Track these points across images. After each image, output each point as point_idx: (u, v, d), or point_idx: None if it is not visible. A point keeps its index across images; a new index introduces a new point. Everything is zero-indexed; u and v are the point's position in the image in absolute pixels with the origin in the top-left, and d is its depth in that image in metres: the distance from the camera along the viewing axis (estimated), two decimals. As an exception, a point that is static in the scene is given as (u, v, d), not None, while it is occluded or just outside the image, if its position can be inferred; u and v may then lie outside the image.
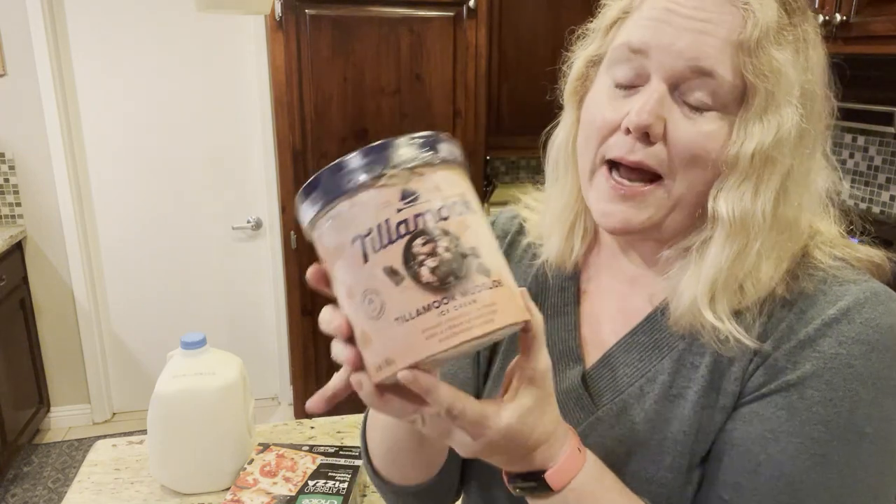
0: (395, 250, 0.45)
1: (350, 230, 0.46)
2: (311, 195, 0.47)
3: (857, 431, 0.54)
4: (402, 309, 0.45)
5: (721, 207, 0.56)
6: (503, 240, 0.79)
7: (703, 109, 0.56)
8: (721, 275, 0.57)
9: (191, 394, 1.13)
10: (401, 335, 0.45)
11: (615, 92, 0.60)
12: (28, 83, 2.79)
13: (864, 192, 2.25)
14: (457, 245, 0.46)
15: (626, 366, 0.65)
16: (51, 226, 2.96)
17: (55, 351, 3.11)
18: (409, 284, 0.45)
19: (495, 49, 2.85)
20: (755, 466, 0.56)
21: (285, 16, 2.51)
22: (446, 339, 0.44)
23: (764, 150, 0.55)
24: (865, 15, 1.73)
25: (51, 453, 2.96)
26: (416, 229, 0.45)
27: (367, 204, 0.46)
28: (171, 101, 2.99)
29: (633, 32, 0.58)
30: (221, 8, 1.35)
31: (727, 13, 0.54)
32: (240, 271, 3.26)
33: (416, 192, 0.46)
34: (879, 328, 0.54)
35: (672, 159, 0.57)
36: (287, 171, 2.67)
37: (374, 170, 0.46)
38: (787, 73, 0.54)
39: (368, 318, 0.46)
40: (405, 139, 0.47)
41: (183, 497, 1.17)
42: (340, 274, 0.47)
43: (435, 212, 0.46)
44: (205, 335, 1.18)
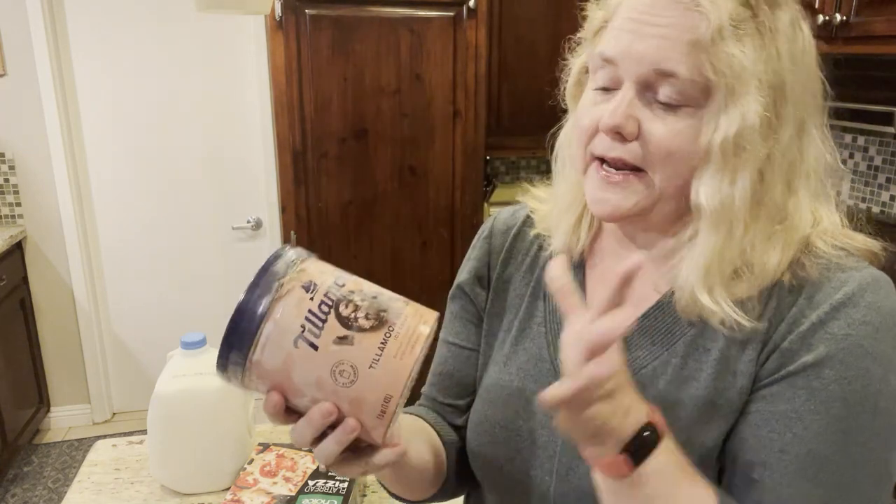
0: (332, 325, 0.54)
1: (287, 338, 0.53)
2: (234, 341, 0.53)
3: (871, 406, 0.58)
4: (369, 356, 0.54)
5: (702, 198, 0.61)
6: (507, 233, 0.82)
7: (674, 107, 0.60)
8: (713, 261, 0.61)
9: (191, 394, 1.13)
10: (382, 373, 0.54)
11: (596, 97, 0.65)
12: (28, 83, 2.79)
13: (864, 192, 2.25)
14: (363, 294, 0.56)
15: (638, 349, 0.68)
16: (51, 226, 2.96)
17: (55, 351, 3.11)
18: (359, 338, 0.54)
19: (495, 49, 2.85)
20: (783, 445, 0.59)
21: (285, 16, 2.51)
22: (411, 352, 0.54)
23: (731, 140, 0.58)
24: (865, 15, 1.73)
25: (51, 453, 2.96)
26: (334, 302, 0.55)
27: (286, 311, 0.53)
28: (171, 101, 2.99)
29: (606, 43, 0.63)
30: (221, 8, 1.35)
31: (683, 16, 0.58)
32: (240, 271, 3.25)
33: (312, 281, 0.55)
34: (882, 311, 0.59)
35: (648, 154, 0.61)
36: (287, 171, 2.67)
37: (271, 288, 0.54)
38: (745, 67, 0.58)
39: (347, 385, 0.54)
40: (272, 259, 0.56)
41: (183, 497, 1.17)
42: (301, 376, 0.54)
43: (334, 284, 0.56)
44: (205, 335, 1.18)
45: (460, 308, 0.84)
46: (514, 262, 0.81)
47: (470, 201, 2.89)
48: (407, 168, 2.79)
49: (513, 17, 2.84)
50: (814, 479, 0.58)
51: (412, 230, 2.87)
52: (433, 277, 2.91)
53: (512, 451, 0.73)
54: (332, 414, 0.54)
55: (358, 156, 2.72)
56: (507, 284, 0.81)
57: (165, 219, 3.12)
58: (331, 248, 2.82)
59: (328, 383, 0.54)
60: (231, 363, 0.54)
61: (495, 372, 0.78)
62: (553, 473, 0.70)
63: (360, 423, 0.55)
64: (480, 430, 0.76)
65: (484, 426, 0.76)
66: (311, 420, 0.55)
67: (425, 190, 2.84)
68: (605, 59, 0.63)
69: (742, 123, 0.58)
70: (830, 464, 0.58)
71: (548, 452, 0.71)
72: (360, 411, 0.55)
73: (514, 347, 0.77)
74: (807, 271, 0.62)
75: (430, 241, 2.90)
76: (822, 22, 1.81)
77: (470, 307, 0.83)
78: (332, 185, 2.73)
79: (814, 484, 0.58)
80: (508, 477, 0.74)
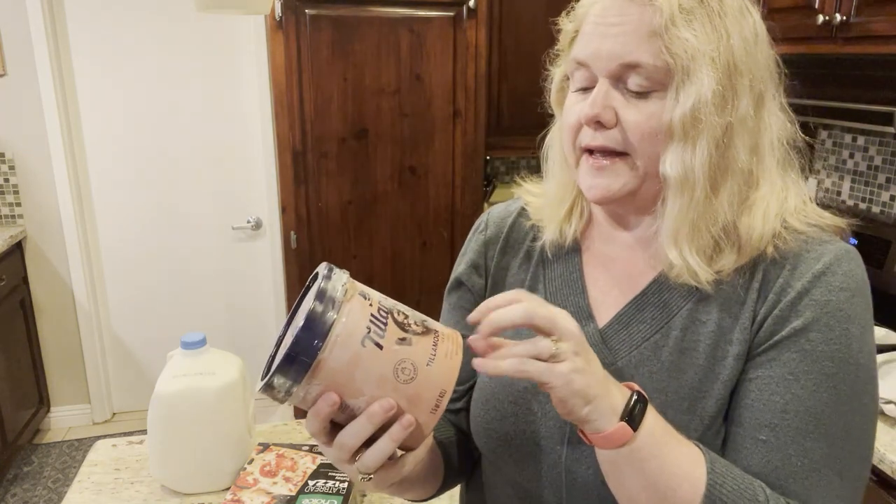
0: (392, 327, 0.59)
1: (354, 338, 0.57)
2: (304, 344, 0.56)
3: (854, 362, 0.65)
4: (425, 355, 0.60)
5: (668, 169, 0.67)
6: (503, 224, 0.87)
7: (644, 94, 0.67)
8: (680, 223, 0.68)
9: (191, 394, 1.13)
10: (436, 370, 0.60)
11: (577, 97, 0.72)
12: (28, 83, 2.79)
13: (864, 192, 2.25)
14: (403, 306, 0.63)
15: (639, 323, 0.74)
16: (51, 226, 2.96)
17: (55, 351, 3.11)
18: (416, 340, 0.60)
19: (495, 49, 2.85)
20: (784, 405, 0.65)
21: (285, 16, 2.51)
22: (457, 351, 0.62)
23: (688, 114, 0.65)
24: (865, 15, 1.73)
25: (51, 453, 2.96)
26: (388, 309, 0.61)
27: (353, 313, 0.58)
28: (170, 101, 2.99)
29: (577, 49, 0.71)
30: (221, 8, 1.35)
31: (639, 12, 0.66)
32: (240, 271, 3.26)
33: (364, 292, 0.61)
34: (855, 278, 0.67)
35: (627, 138, 0.68)
36: (287, 171, 2.67)
37: (338, 293, 0.58)
38: (697, 48, 0.65)
39: (408, 382, 0.59)
40: (326, 272, 0.60)
41: (183, 497, 1.17)
42: (365, 375, 0.58)
43: (380, 296, 0.62)
44: (205, 335, 1.18)
45: (458, 299, 0.87)
46: (512, 250, 0.85)
47: (470, 201, 2.89)
48: (407, 168, 2.79)
49: (513, 17, 2.84)
50: (814, 433, 0.64)
51: (412, 230, 2.88)
52: (433, 277, 2.91)
53: (522, 424, 0.76)
54: (392, 409, 0.57)
55: (358, 156, 2.72)
56: (505, 272, 0.84)
57: (165, 219, 3.12)
58: (331, 248, 2.82)
59: (390, 381, 0.58)
60: (296, 364, 0.55)
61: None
62: (564, 442, 0.73)
63: (414, 420, 0.59)
64: (489, 406, 0.79)
65: (492, 403, 0.78)
66: (371, 416, 0.57)
67: (425, 190, 2.84)
68: (579, 62, 0.70)
69: (697, 98, 0.65)
70: (825, 417, 0.64)
71: (558, 423, 0.74)
72: (416, 407, 0.59)
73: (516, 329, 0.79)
74: (788, 245, 0.69)
75: (430, 241, 2.90)
76: (822, 22, 1.81)
77: (468, 297, 0.86)
78: (332, 185, 2.73)
79: (814, 438, 0.64)
80: (519, 450, 0.76)
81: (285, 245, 2.78)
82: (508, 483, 0.80)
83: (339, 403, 0.58)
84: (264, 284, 3.30)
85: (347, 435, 0.58)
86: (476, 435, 0.81)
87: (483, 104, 2.79)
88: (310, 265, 2.81)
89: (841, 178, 2.33)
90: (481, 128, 2.81)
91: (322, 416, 0.58)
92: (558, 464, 0.73)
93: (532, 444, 0.75)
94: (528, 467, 0.76)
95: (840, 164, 2.33)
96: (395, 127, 2.72)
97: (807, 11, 1.87)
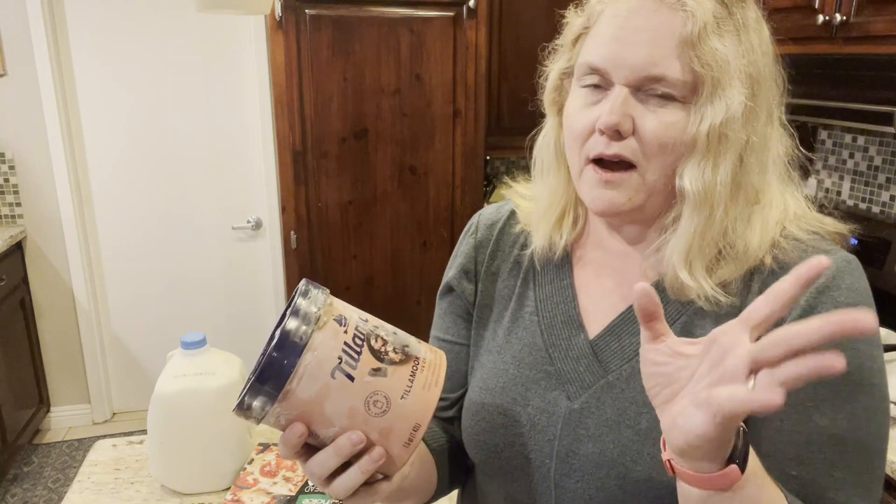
0: (366, 357, 0.56)
1: (324, 369, 0.55)
2: (272, 373, 0.54)
3: (868, 383, 0.63)
4: (400, 388, 0.57)
5: (686, 184, 0.64)
6: (493, 228, 0.85)
7: (663, 103, 0.64)
8: (694, 241, 0.65)
9: (191, 394, 1.13)
10: (411, 403, 0.57)
11: (587, 100, 0.68)
12: (28, 83, 2.79)
13: (864, 192, 2.25)
14: (386, 329, 0.60)
15: (631, 335, 0.71)
16: (51, 226, 2.96)
17: (55, 351, 3.11)
18: (391, 370, 0.57)
19: (495, 49, 2.85)
20: (808, 437, 0.63)
21: (285, 16, 2.51)
22: (436, 383, 0.59)
23: (716, 129, 0.63)
24: (865, 15, 1.73)
25: (51, 453, 2.96)
26: (364, 335, 0.57)
27: (324, 343, 0.55)
28: (171, 101, 2.99)
29: (592, 52, 0.67)
30: (221, 8, 1.35)
31: (669, 18, 0.63)
32: (240, 271, 3.26)
33: (342, 315, 0.58)
34: (859, 292, 0.64)
35: (643, 149, 0.65)
36: (287, 171, 2.67)
37: (310, 320, 0.55)
38: (728, 60, 0.62)
39: (379, 415, 0.56)
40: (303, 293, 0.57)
41: (183, 497, 1.17)
42: (334, 407, 0.56)
43: (360, 319, 0.59)
44: (205, 335, 1.18)
45: (449, 304, 0.86)
46: (502, 254, 0.83)
47: (470, 201, 2.89)
48: (407, 168, 2.79)
49: (513, 17, 2.84)
50: (839, 463, 0.62)
51: (412, 230, 2.87)
52: (433, 277, 2.91)
53: (511, 437, 0.74)
54: (361, 442, 0.56)
55: (358, 156, 2.72)
56: (496, 276, 0.82)
57: (165, 219, 3.12)
58: (331, 248, 2.82)
59: (360, 413, 0.56)
60: (262, 394, 0.54)
61: (490, 361, 0.79)
62: (553, 456, 0.72)
63: (385, 452, 0.57)
64: (478, 417, 0.77)
65: (482, 414, 0.77)
66: (339, 448, 0.56)
67: (425, 190, 2.84)
68: (594, 68, 0.66)
69: (727, 113, 0.62)
70: (849, 445, 0.62)
71: (547, 436, 0.72)
72: (388, 440, 0.57)
73: (507, 337, 0.79)
74: (787, 254, 0.66)
75: (430, 241, 2.90)
76: (822, 22, 1.81)
77: (458, 303, 0.85)
78: (332, 185, 2.73)
79: (841, 468, 0.62)
80: (508, 462, 0.75)
81: (285, 245, 2.78)
82: (501, 493, 0.79)
83: (308, 432, 0.57)
84: (264, 284, 3.29)
85: (315, 464, 0.58)
86: (467, 445, 0.80)
87: (483, 104, 2.79)
88: (310, 265, 2.81)
89: (841, 178, 2.33)
90: (481, 128, 2.81)
91: (291, 444, 0.57)
92: (547, 477, 0.72)
93: (521, 457, 0.74)
94: (519, 479, 0.75)
95: (840, 164, 2.33)
96: (395, 127, 2.72)
97: (807, 11, 1.87)
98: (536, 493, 0.73)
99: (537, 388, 0.74)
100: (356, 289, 2.89)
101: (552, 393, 0.73)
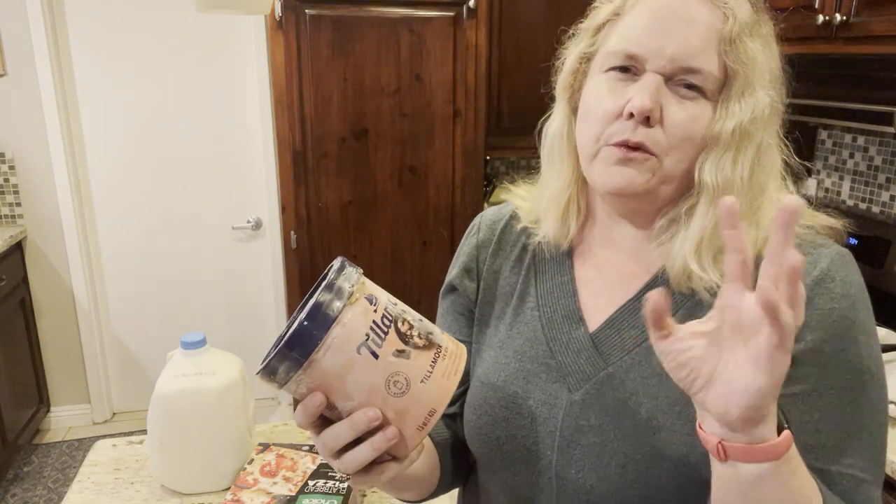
0: (392, 338, 0.58)
1: (351, 343, 0.56)
2: (301, 340, 0.55)
3: (867, 372, 0.64)
4: (421, 372, 0.58)
5: (706, 176, 0.66)
6: (494, 227, 0.86)
7: (692, 95, 0.66)
8: (706, 233, 0.67)
9: (191, 394, 1.13)
10: (430, 388, 0.59)
11: (613, 85, 0.68)
12: (28, 83, 2.79)
13: (864, 192, 2.24)
14: (412, 315, 0.61)
15: (631, 328, 0.72)
16: (51, 226, 2.96)
17: (55, 351, 3.11)
18: (415, 354, 0.58)
19: (495, 49, 2.85)
20: (815, 424, 0.64)
21: (285, 16, 2.51)
22: (456, 372, 0.61)
23: (743, 126, 0.65)
24: (865, 15, 1.73)
25: (51, 453, 2.96)
26: (392, 317, 0.59)
27: (354, 319, 0.56)
28: (171, 101, 2.99)
29: (629, 40, 0.67)
30: (221, 8, 1.35)
31: (709, 13, 0.65)
32: (240, 271, 3.26)
33: (373, 295, 0.59)
34: (853, 283, 0.66)
35: (667, 139, 0.66)
36: (287, 171, 2.67)
37: (343, 295, 0.57)
38: (760, 61, 0.65)
39: (398, 396, 0.58)
40: (339, 268, 0.58)
41: (183, 497, 1.17)
42: (356, 382, 0.57)
43: (389, 301, 0.60)
44: (205, 335, 1.18)
45: (451, 303, 0.87)
46: (503, 252, 0.84)
47: (470, 201, 2.89)
48: (407, 168, 2.79)
49: (513, 17, 2.84)
50: (848, 450, 0.64)
51: (412, 230, 2.88)
52: (433, 277, 2.91)
53: (513, 430, 0.75)
54: (377, 419, 0.57)
55: (358, 156, 2.72)
56: (497, 274, 0.83)
57: (165, 219, 3.12)
58: (331, 248, 2.82)
59: (380, 391, 0.57)
60: (289, 359, 0.55)
61: (492, 356, 0.80)
62: (554, 448, 0.72)
63: (399, 433, 0.58)
64: (481, 411, 0.78)
65: (484, 408, 0.78)
66: (354, 423, 0.57)
67: (425, 190, 2.84)
68: (631, 55, 0.66)
69: (754, 112, 0.64)
70: (855, 432, 0.64)
71: (548, 428, 0.73)
72: (403, 421, 0.58)
73: (509, 332, 0.80)
74: None
75: (430, 241, 2.90)
76: (822, 22, 1.81)
77: (461, 301, 0.86)
78: (332, 185, 2.73)
79: (850, 454, 0.64)
80: (510, 455, 0.76)
81: (285, 245, 2.78)
82: (503, 487, 0.79)
83: (327, 404, 0.57)
84: (264, 284, 3.29)
85: (330, 436, 0.58)
86: (469, 439, 0.81)
87: (483, 104, 2.79)
88: (310, 265, 2.81)
89: (841, 178, 2.33)
90: (481, 128, 2.81)
91: (309, 413, 0.58)
92: (549, 469, 0.73)
93: (523, 449, 0.74)
94: (520, 472, 0.75)
95: (840, 164, 2.33)
96: (395, 127, 2.72)
97: (807, 11, 1.87)
98: (538, 486, 0.74)
99: (538, 381, 0.75)
100: (356, 289, 2.89)
101: (553, 385, 0.74)
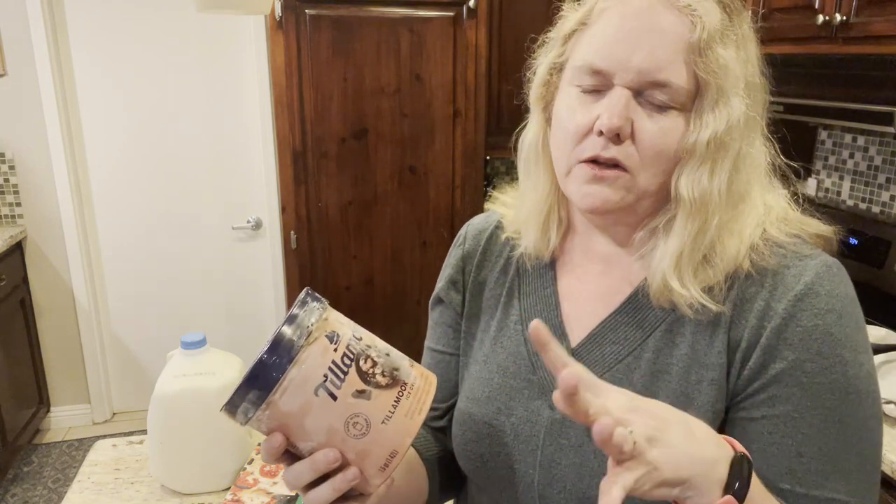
0: (352, 378, 0.56)
1: (309, 385, 0.55)
2: (257, 382, 0.55)
3: (854, 390, 0.61)
4: (382, 412, 0.57)
5: (683, 189, 0.64)
6: (480, 238, 0.84)
7: (663, 108, 0.63)
8: (685, 247, 0.65)
9: (191, 394, 1.13)
10: (391, 430, 0.57)
11: (583, 98, 0.66)
12: (28, 83, 2.79)
13: (864, 192, 2.25)
14: (378, 350, 0.59)
15: (612, 343, 0.70)
16: (51, 226, 2.96)
17: (55, 351, 3.11)
18: (376, 394, 0.57)
19: (495, 49, 2.85)
20: (797, 448, 0.62)
21: (285, 16, 2.51)
22: (420, 411, 0.58)
23: (718, 137, 0.62)
24: (865, 15, 1.73)
25: (51, 453, 2.96)
26: (354, 355, 0.57)
27: (312, 359, 0.55)
28: (171, 101, 2.99)
29: (594, 52, 0.64)
30: (221, 8, 1.35)
31: (677, 22, 0.62)
32: (240, 271, 3.26)
33: (335, 332, 0.57)
34: (839, 297, 0.63)
35: (640, 154, 0.64)
36: (287, 171, 2.67)
37: (302, 334, 0.55)
38: (732, 69, 0.62)
39: (358, 437, 0.56)
40: (299, 305, 0.57)
41: (183, 497, 1.17)
42: (314, 423, 0.56)
43: (352, 337, 0.58)
44: (205, 335, 1.18)
45: (439, 315, 0.86)
46: (489, 264, 0.82)
47: (470, 201, 2.89)
48: (407, 168, 2.79)
49: (513, 17, 2.84)
50: (832, 473, 0.61)
51: (412, 230, 2.88)
52: (433, 277, 2.90)
53: (496, 447, 0.74)
54: (336, 461, 0.56)
55: (358, 156, 2.72)
56: (483, 286, 0.82)
57: (165, 219, 3.11)
58: (331, 248, 2.82)
59: (339, 433, 0.56)
60: (246, 401, 0.55)
61: (476, 371, 0.79)
62: (536, 467, 0.71)
63: (360, 473, 0.57)
64: (465, 427, 0.77)
65: (468, 424, 0.77)
66: (314, 464, 0.56)
67: (425, 190, 2.84)
68: (595, 70, 0.64)
69: (729, 121, 0.62)
70: (840, 455, 0.61)
71: (530, 446, 0.72)
72: (364, 462, 0.57)
73: (493, 346, 0.78)
74: (765, 259, 0.65)
75: (430, 241, 2.90)
76: (822, 22, 1.81)
77: (448, 313, 0.85)
78: (332, 185, 2.73)
79: (835, 479, 0.61)
80: (494, 472, 0.75)
81: (285, 245, 2.78)
82: (491, 503, 0.78)
83: (285, 446, 0.57)
84: (264, 284, 3.29)
85: (292, 474, 0.58)
86: (457, 455, 0.80)
87: (483, 104, 2.79)
88: (310, 265, 2.81)
89: (841, 178, 2.33)
90: (481, 128, 2.81)
91: (270, 453, 0.57)
92: (532, 487, 0.72)
93: (506, 467, 0.73)
94: (505, 489, 0.74)
95: (840, 164, 2.33)
96: (395, 127, 2.72)
97: (807, 11, 1.87)
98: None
99: (521, 398, 0.74)
100: (356, 289, 2.89)
101: (535, 402, 0.73)
